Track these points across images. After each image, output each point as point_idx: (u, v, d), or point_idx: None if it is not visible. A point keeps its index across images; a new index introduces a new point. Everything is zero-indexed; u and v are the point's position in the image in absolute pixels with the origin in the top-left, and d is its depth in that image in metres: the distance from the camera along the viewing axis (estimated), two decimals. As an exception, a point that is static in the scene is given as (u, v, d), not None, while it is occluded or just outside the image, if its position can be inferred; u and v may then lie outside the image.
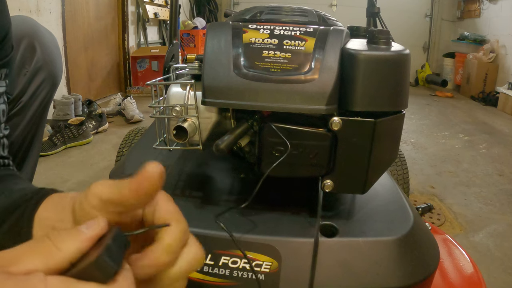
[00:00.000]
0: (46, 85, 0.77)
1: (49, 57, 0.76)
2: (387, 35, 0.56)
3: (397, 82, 0.55)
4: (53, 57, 0.77)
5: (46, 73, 0.76)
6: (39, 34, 0.75)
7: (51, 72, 0.77)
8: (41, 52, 0.73)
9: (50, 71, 0.76)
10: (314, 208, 0.60)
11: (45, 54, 0.74)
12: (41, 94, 0.76)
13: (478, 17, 4.41)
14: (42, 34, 0.76)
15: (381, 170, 0.59)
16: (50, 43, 0.77)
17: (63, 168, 1.78)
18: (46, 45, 0.75)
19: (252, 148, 0.61)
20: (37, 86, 0.75)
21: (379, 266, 0.52)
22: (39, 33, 0.75)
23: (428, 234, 0.62)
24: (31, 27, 0.74)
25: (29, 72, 0.72)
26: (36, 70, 0.74)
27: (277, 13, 0.70)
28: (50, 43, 0.77)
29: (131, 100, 2.70)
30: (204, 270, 0.52)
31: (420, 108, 3.52)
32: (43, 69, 0.75)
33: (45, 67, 0.75)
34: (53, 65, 0.77)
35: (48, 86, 0.77)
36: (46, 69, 0.75)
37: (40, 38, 0.74)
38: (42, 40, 0.74)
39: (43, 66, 0.75)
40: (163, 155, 0.83)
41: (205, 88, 0.54)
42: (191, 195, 0.64)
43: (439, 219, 1.43)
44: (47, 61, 0.75)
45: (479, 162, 2.10)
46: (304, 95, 0.52)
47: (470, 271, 0.71)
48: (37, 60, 0.73)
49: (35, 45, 0.73)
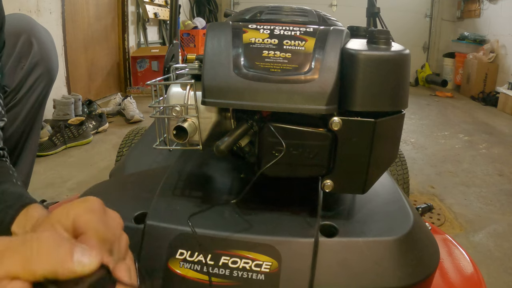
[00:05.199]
0: (43, 79, 0.79)
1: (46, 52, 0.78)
2: (387, 35, 0.56)
3: (397, 82, 0.55)
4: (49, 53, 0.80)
5: (43, 68, 0.78)
6: (36, 30, 0.77)
7: (48, 67, 0.79)
8: (38, 47, 0.76)
9: (46, 66, 0.79)
10: (314, 208, 0.60)
11: (41, 49, 0.77)
12: (38, 88, 0.79)
13: (478, 17, 4.41)
14: (39, 30, 0.78)
15: (381, 170, 0.59)
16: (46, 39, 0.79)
17: (63, 168, 1.78)
18: (42, 41, 0.77)
19: (252, 148, 0.61)
20: (34, 80, 0.77)
21: (379, 266, 0.52)
22: (36, 30, 0.77)
23: (428, 234, 0.62)
24: (28, 23, 0.76)
25: (26, 66, 0.75)
26: (33, 65, 0.76)
27: (277, 13, 0.70)
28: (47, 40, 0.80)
29: (131, 100, 2.70)
30: (204, 270, 0.52)
31: (420, 108, 3.52)
32: (40, 64, 0.77)
33: (41, 62, 0.77)
34: (49, 61, 0.80)
35: (45, 81, 0.79)
36: (43, 64, 0.78)
37: (37, 34, 0.76)
38: (39, 36, 0.77)
39: (40, 61, 0.77)
40: (163, 155, 0.83)
41: (205, 88, 0.54)
42: (191, 195, 0.64)
43: (439, 219, 1.43)
44: (43, 56, 0.78)
45: (479, 162, 2.10)
46: (304, 95, 0.52)
47: (470, 271, 0.71)
48: (34, 55, 0.76)
49: (32, 41, 0.75)
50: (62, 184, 1.61)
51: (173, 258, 0.53)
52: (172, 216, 0.57)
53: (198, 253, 0.52)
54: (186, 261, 0.52)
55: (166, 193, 0.63)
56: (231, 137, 0.56)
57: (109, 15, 3.31)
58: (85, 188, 0.78)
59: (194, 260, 0.52)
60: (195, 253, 0.53)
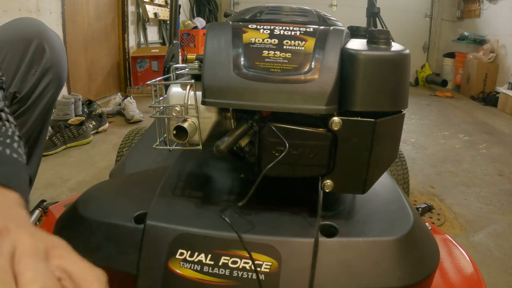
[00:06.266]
0: (53, 85, 0.78)
1: (57, 58, 0.78)
2: (387, 35, 0.56)
3: (397, 82, 0.55)
4: (60, 59, 0.79)
5: (54, 74, 0.77)
6: (48, 36, 0.77)
7: (58, 73, 0.79)
8: (50, 53, 0.75)
9: (57, 72, 0.78)
10: (314, 208, 0.60)
11: (53, 55, 0.76)
12: (48, 94, 0.78)
13: (478, 17, 4.40)
14: (51, 36, 0.78)
15: (381, 170, 0.59)
16: (58, 45, 0.79)
17: (63, 168, 1.78)
18: (54, 47, 0.77)
19: (252, 148, 0.61)
20: (44, 86, 0.77)
21: (379, 266, 0.52)
22: (48, 35, 0.77)
23: (428, 234, 0.62)
24: (39, 28, 0.76)
25: (37, 72, 0.75)
26: (45, 71, 0.76)
27: (277, 13, 0.70)
28: (58, 45, 0.79)
29: (131, 100, 2.70)
30: (204, 270, 0.52)
31: (420, 108, 3.52)
32: (51, 70, 0.77)
33: (52, 68, 0.77)
34: (60, 67, 0.79)
35: (54, 86, 0.79)
36: (54, 70, 0.77)
37: (49, 40, 0.76)
38: (51, 42, 0.76)
39: (51, 67, 0.77)
40: (163, 155, 0.83)
41: (205, 88, 0.54)
42: (191, 195, 0.64)
43: (439, 219, 1.43)
44: (55, 62, 0.77)
45: (479, 162, 2.10)
46: (304, 95, 0.52)
47: (470, 271, 0.71)
48: (46, 61, 0.75)
49: (45, 46, 0.75)
50: (62, 184, 1.61)
51: (173, 258, 0.53)
52: (172, 216, 0.57)
53: (198, 253, 0.53)
54: (186, 261, 0.52)
55: (166, 193, 0.63)
56: (231, 137, 0.56)
57: (109, 15, 3.31)
58: (85, 188, 0.78)
59: (194, 260, 0.52)
60: (195, 253, 0.53)
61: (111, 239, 0.56)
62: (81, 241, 0.57)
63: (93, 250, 0.55)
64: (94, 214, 0.60)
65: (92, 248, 0.55)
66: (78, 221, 0.60)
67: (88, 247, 0.56)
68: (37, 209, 0.74)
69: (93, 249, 0.55)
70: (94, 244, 0.56)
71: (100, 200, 0.65)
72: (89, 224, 0.58)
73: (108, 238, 0.56)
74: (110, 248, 0.55)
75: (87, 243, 0.56)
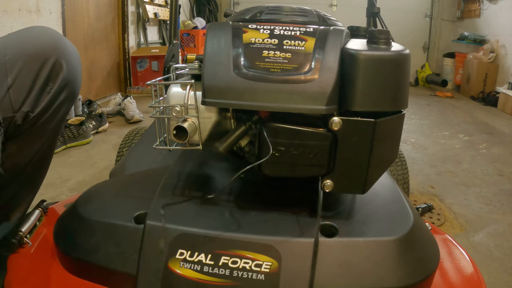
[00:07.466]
0: (67, 101, 0.75)
1: (73, 74, 0.73)
2: (387, 35, 0.56)
3: (397, 82, 0.55)
4: (76, 75, 0.75)
5: (69, 90, 0.74)
6: (66, 51, 0.72)
7: (73, 90, 0.75)
8: (67, 70, 0.71)
9: (72, 90, 0.75)
10: (314, 208, 0.60)
11: (69, 72, 0.72)
12: (61, 110, 0.75)
13: (478, 17, 4.41)
14: (68, 50, 0.74)
15: (381, 170, 0.59)
16: (75, 60, 0.74)
17: (63, 168, 1.78)
18: (72, 63, 0.73)
19: (252, 148, 0.61)
20: (59, 103, 0.73)
21: (379, 266, 0.52)
22: (66, 50, 0.72)
23: (428, 234, 0.62)
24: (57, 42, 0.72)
25: (53, 90, 0.70)
26: (61, 89, 0.72)
27: (277, 13, 0.70)
28: (75, 61, 0.75)
29: (131, 100, 2.70)
30: (204, 270, 0.52)
31: (420, 108, 3.52)
32: (67, 87, 0.73)
33: (68, 85, 0.73)
34: (75, 83, 0.76)
35: (68, 102, 0.76)
36: (70, 86, 0.73)
37: (66, 55, 0.71)
38: (69, 58, 0.72)
39: (67, 84, 0.73)
40: (163, 155, 0.83)
41: (205, 88, 0.54)
42: (191, 195, 0.64)
43: (439, 219, 1.43)
44: (70, 79, 0.73)
45: (479, 162, 2.10)
46: (304, 95, 0.52)
47: (470, 271, 0.70)
48: (63, 79, 0.71)
49: (62, 63, 0.71)
50: (62, 184, 1.61)
51: (173, 258, 0.53)
52: (172, 216, 0.57)
53: (198, 253, 0.53)
54: (186, 261, 0.52)
55: (166, 193, 0.63)
56: (231, 137, 0.56)
57: (109, 15, 3.31)
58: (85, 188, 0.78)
59: (194, 260, 0.52)
60: (195, 253, 0.53)
61: (111, 239, 0.56)
62: (81, 241, 0.57)
63: (93, 250, 0.55)
64: (94, 214, 0.60)
65: (92, 248, 0.55)
66: (78, 221, 0.60)
67: (88, 247, 0.56)
68: (37, 209, 0.74)
69: (93, 249, 0.55)
70: (94, 244, 0.56)
71: (100, 200, 0.65)
72: (89, 224, 0.58)
73: (108, 238, 0.56)
74: (110, 248, 0.55)
75: (87, 243, 0.56)
